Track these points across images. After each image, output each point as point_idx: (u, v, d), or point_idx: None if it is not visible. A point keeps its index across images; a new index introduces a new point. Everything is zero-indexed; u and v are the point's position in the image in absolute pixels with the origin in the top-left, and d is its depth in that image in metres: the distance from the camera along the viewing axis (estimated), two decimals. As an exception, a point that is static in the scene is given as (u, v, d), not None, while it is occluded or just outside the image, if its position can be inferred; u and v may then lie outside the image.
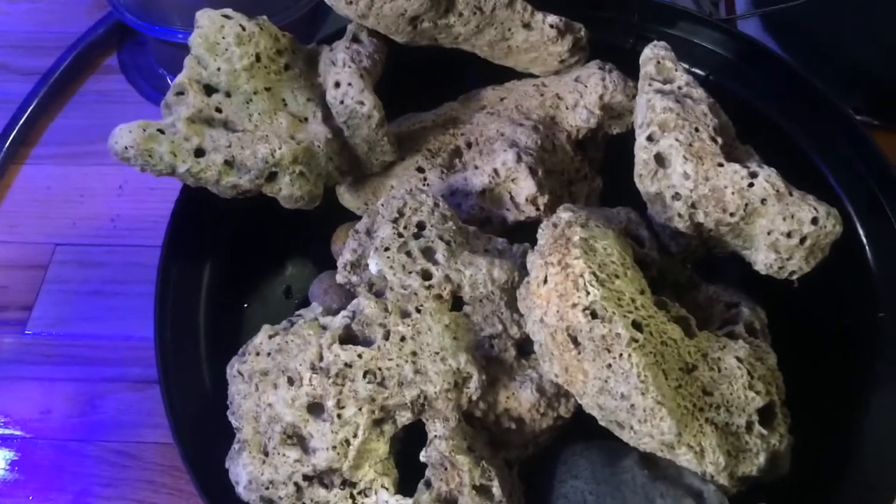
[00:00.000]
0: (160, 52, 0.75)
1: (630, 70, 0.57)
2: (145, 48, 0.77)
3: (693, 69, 0.62)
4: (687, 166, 0.46)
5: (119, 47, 0.78)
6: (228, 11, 0.53)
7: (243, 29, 0.52)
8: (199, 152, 0.50)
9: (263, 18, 0.54)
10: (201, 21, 0.52)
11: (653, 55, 0.50)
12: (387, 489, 0.45)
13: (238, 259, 0.58)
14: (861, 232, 0.52)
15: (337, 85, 0.53)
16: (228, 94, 0.52)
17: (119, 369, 0.60)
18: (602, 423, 0.42)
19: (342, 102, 0.52)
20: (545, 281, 0.43)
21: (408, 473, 0.46)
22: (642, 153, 0.47)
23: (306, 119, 0.54)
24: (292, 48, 0.55)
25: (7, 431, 0.59)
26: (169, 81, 0.75)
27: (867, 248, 0.52)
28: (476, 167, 0.56)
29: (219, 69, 0.52)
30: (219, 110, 0.52)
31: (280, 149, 0.51)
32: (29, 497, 0.56)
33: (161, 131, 0.50)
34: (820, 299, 0.50)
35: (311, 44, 0.58)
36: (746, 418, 0.42)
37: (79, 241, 0.67)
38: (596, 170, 0.61)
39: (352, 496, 0.45)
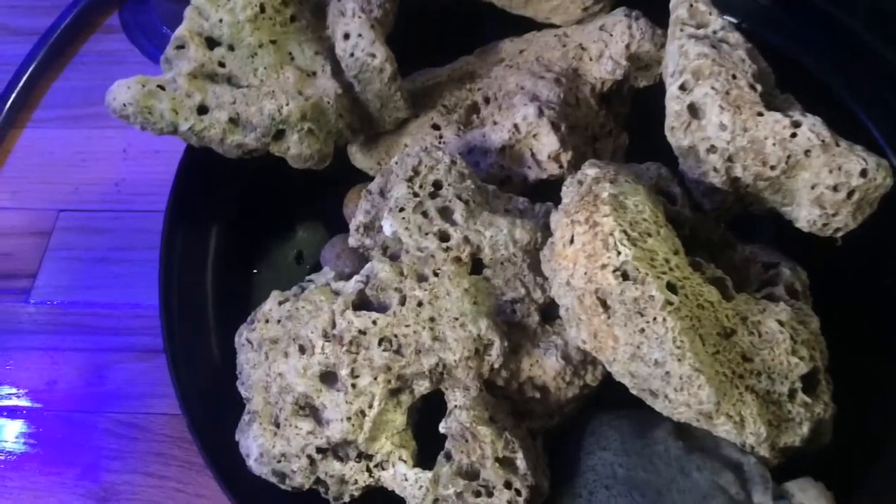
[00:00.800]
0: (163, 10, 0.72)
1: (658, 17, 0.53)
2: (148, 6, 0.74)
3: (725, 16, 0.58)
4: (723, 116, 0.42)
5: (121, 5, 0.75)
6: None
7: None
8: (202, 109, 0.47)
9: None
10: None
11: (685, -2, 0.46)
12: (405, 461, 0.43)
13: (246, 223, 0.56)
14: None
15: (346, 36, 0.50)
16: (232, 48, 0.49)
17: (126, 338, 0.58)
18: (634, 392, 0.39)
19: (352, 55, 0.49)
20: (571, 241, 0.40)
21: (427, 445, 0.44)
22: (674, 104, 0.44)
23: (315, 73, 0.51)
24: None
25: (13, 403, 0.57)
26: (173, 40, 0.72)
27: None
28: (495, 123, 0.53)
29: (221, 21, 0.49)
30: (222, 65, 0.49)
31: (287, 105, 0.48)
32: (36, 470, 0.54)
33: (161, 87, 0.47)
34: (860, 258, 0.47)
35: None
36: (789, 385, 0.40)
37: (83, 206, 0.65)
38: (621, 125, 0.57)
39: (368, 469, 0.43)
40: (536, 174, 0.52)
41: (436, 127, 0.55)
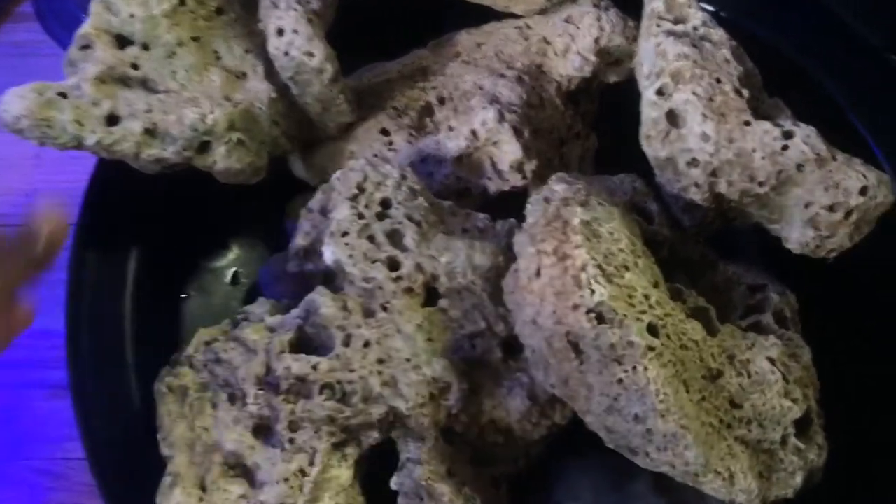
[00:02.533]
0: (81, -2, 0.65)
1: (629, 6, 0.48)
2: (64, -9, 0.67)
3: (700, 4, 0.54)
4: (707, 126, 0.38)
5: (33, -8, 0.68)
6: None
7: None
8: (112, 119, 0.41)
9: None
10: None
11: (661, -11, 0.41)
12: (352, 524, 0.38)
13: (173, 240, 0.50)
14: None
15: (280, 32, 0.43)
16: (146, 47, 0.43)
17: (39, 373, 0.52)
18: (610, 446, 0.34)
19: (287, 54, 0.43)
20: (538, 274, 0.35)
21: (378, 500, 0.39)
22: (652, 110, 0.39)
23: (244, 75, 0.44)
24: None
25: None
26: (93, 30, 0.65)
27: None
28: (451, 128, 0.48)
29: (132, 16, 0.42)
30: (135, 67, 0.42)
31: (212, 113, 0.42)
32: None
33: (63, 95, 0.41)
34: (852, 274, 0.43)
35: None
36: (782, 432, 0.35)
37: (-11, 222, 0.58)
38: (589, 126, 0.52)
39: (311, 534, 0.38)
40: (497, 185, 0.47)
41: (385, 132, 0.49)
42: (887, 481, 0.41)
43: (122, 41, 0.43)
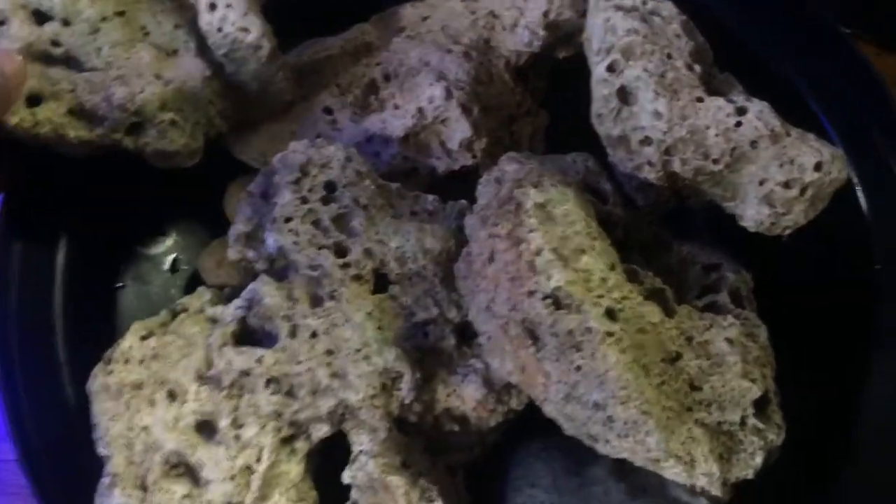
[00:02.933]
0: None
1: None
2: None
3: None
4: (659, 103, 0.37)
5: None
6: None
7: None
8: (34, 100, 0.38)
9: None
10: None
11: (610, -39, 0.40)
12: (303, 520, 0.36)
13: (105, 227, 0.47)
14: (854, 173, 0.44)
15: (212, 7, 0.41)
16: (67, 23, 0.40)
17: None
18: (569, 434, 0.34)
19: (220, 30, 0.41)
20: (491, 259, 0.34)
21: (332, 492, 0.38)
22: (602, 87, 0.38)
23: (176, 52, 0.42)
24: None
25: None
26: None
27: (859, 189, 0.45)
28: (396, 106, 0.46)
29: None
30: (56, 44, 0.40)
31: (142, 92, 0.39)
32: None
33: None
34: (806, 251, 0.43)
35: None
36: (741, 413, 0.35)
37: None
38: (539, 102, 0.51)
39: (261, 533, 0.36)
40: (447, 165, 0.46)
41: (328, 111, 0.47)
42: (841, 457, 0.41)
43: (41, 17, 0.40)
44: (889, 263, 0.43)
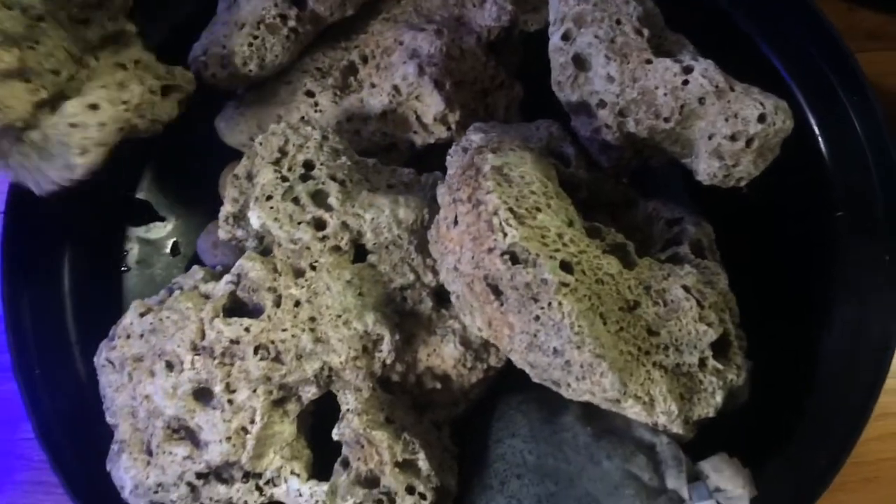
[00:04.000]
0: None
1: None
2: None
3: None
4: (610, 67, 0.38)
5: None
6: None
7: None
8: None
9: None
10: None
11: (562, -66, 0.42)
12: (297, 475, 0.39)
13: (107, 213, 0.50)
14: (812, 121, 0.46)
15: (94, 108, 0.40)
16: None
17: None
18: (536, 381, 0.36)
19: (72, 125, 0.40)
20: (455, 222, 0.36)
21: (326, 450, 0.40)
22: (558, 55, 0.40)
23: (28, 81, 0.38)
24: (116, 13, 0.43)
25: None
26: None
27: (820, 138, 0.46)
28: (373, 85, 0.48)
29: None
30: None
31: None
32: None
33: None
34: (770, 201, 0.45)
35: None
36: (699, 355, 0.37)
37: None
38: (513, 74, 0.53)
39: (258, 488, 0.39)
40: (423, 139, 0.48)
41: (310, 94, 0.49)
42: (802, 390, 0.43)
43: None
44: (849, 210, 0.45)
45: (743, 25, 0.49)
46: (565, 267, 0.34)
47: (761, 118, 0.37)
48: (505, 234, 0.34)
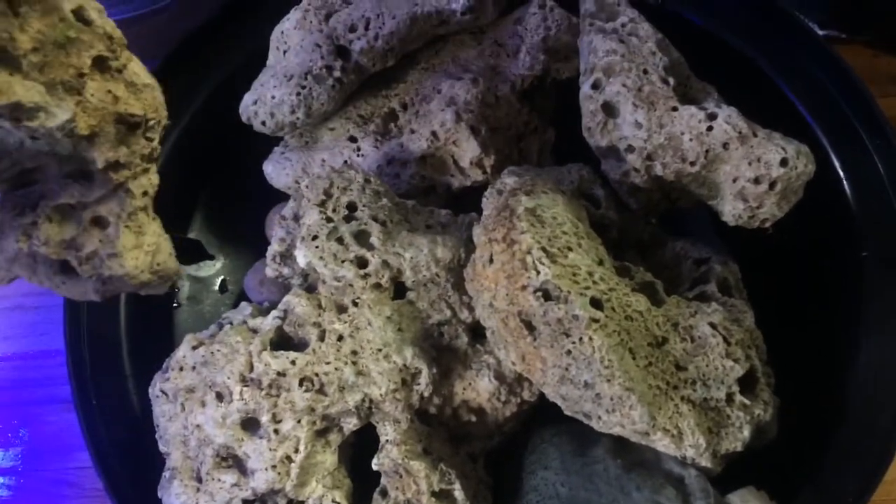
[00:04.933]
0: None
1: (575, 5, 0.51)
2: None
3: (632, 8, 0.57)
4: (638, 114, 0.40)
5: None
6: None
7: None
8: None
9: None
10: None
11: (592, -11, 0.44)
12: (338, 503, 0.41)
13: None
14: (836, 163, 0.48)
15: None
16: None
17: (47, 390, 0.55)
18: (568, 413, 0.37)
19: None
20: (491, 260, 0.38)
21: (366, 480, 0.42)
22: (588, 103, 0.42)
23: None
24: None
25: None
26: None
27: (844, 180, 0.48)
28: (413, 131, 0.51)
29: None
30: None
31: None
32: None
33: None
34: (796, 241, 0.46)
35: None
36: (726, 390, 0.38)
37: (-8, 251, 0.61)
38: (547, 120, 0.55)
39: (301, 515, 0.41)
40: (460, 181, 0.50)
41: (353, 139, 0.52)
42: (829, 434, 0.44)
43: None
44: (873, 249, 0.46)
45: (768, 71, 0.51)
46: (595, 304, 0.36)
47: (783, 162, 0.39)
48: (538, 272, 0.36)
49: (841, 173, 0.48)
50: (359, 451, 0.44)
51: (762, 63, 0.52)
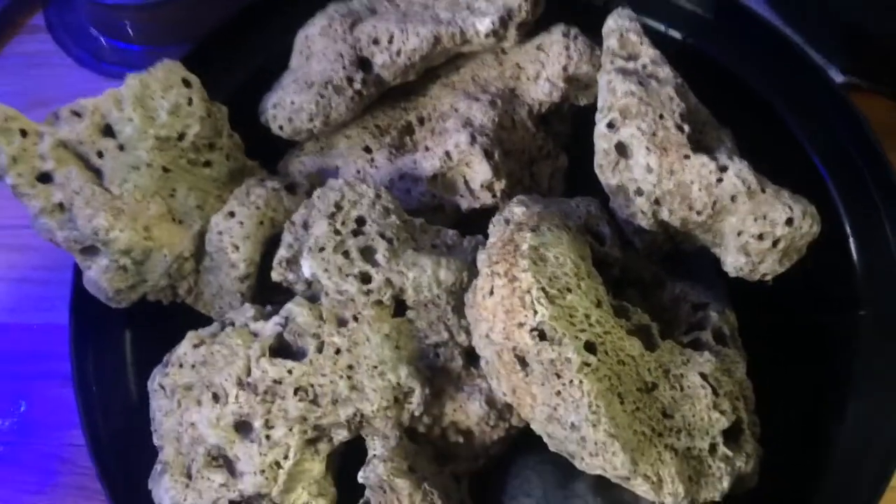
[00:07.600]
0: (90, 10, 0.69)
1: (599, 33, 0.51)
2: (74, 5, 0.70)
3: (669, 31, 0.57)
4: (650, 158, 0.41)
5: (45, 4, 0.71)
6: (191, 78, 0.46)
7: (189, 103, 0.45)
8: (45, 177, 0.44)
9: (220, 107, 0.48)
10: (156, 72, 0.45)
11: (616, 27, 0.44)
12: (322, 512, 0.42)
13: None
14: (845, 221, 0.48)
15: (231, 215, 0.47)
16: (122, 148, 0.45)
17: (48, 364, 0.56)
18: (553, 450, 0.38)
19: (219, 233, 0.47)
20: (491, 293, 0.39)
21: (351, 489, 0.43)
22: (602, 141, 0.43)
23: (181, 222, 0.47)
24: (231, 152, 0.49)
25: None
26: (103, 42, 0.69)
27: (851, 238, 0.48)
28: (427, 148, 0.51)
29: (131, 119, 0.45)
30: (100, 155, 0.45)
31: (120, 232, 0.44)
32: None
33: (23, 132, 0.43)
34: (797, 293, 0.46)
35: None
36: (710, 441, 0.39)
37: (5, 222, 0.62)
38: (562, 145, 0.56)
39: (284, 520, 0.42)
40: (469, 203, 0.51)
41: (367, 150, 0.53)
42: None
43: (108, 130, 0.45)
44: (874, 309, 0.47)
45: (783, 115, 0.51)
46: (589, 347, 0.37)
47: (789, 221, 0.39)
48: (535, 312, 0.36)
49: (848, 230, 0.48)
50: (346, 459, 0.45)
51: (780, 108, 0.52)
